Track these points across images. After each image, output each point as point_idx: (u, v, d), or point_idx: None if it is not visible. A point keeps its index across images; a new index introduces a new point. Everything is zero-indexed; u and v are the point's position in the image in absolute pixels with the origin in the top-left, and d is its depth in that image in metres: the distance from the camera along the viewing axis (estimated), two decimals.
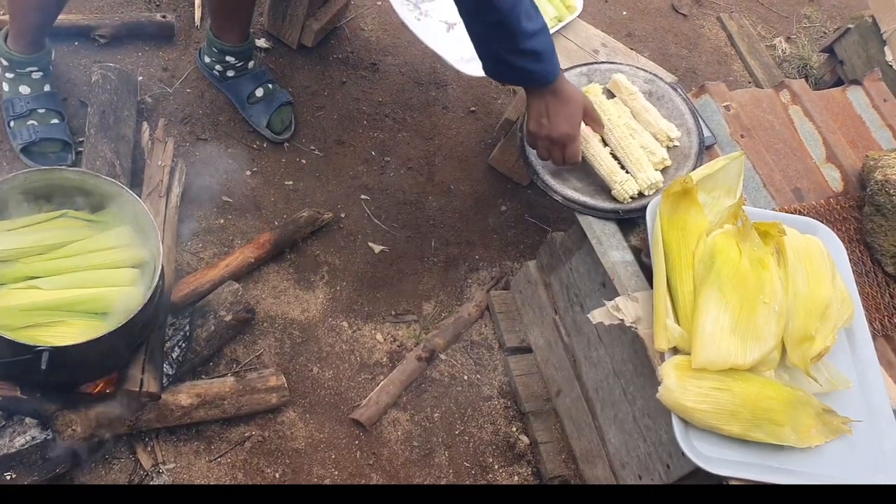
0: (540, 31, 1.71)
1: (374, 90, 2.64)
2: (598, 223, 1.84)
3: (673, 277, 1.60)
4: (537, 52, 1.72)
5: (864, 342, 1.68)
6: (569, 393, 2.06)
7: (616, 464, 1.89)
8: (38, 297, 1.70)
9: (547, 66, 1.76)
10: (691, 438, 1.49)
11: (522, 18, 1.66)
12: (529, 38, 1.69)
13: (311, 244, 2.28)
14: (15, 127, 2.13)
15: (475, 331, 2.27)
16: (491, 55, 1.78)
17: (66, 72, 2.35)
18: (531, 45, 1.71)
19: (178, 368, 1.92)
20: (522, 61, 1.74)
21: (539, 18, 1.71)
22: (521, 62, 1.74)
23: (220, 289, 2.02)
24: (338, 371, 2.10)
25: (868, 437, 1.55)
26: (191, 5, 2.62)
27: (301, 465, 1.95)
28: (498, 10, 1.64)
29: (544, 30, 1.73)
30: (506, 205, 2.53)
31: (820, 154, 2.06)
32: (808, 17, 3.55)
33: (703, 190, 1.69)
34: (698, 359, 1.49)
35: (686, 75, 3.08)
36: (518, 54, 1.72)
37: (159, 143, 2.16)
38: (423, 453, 2.04)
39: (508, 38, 1.70)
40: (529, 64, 1.74)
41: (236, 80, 2.39)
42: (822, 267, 1.66)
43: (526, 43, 1.70)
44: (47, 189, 1.81)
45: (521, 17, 1.66)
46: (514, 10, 1.64)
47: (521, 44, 1.70)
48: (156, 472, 1.84)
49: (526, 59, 1.73)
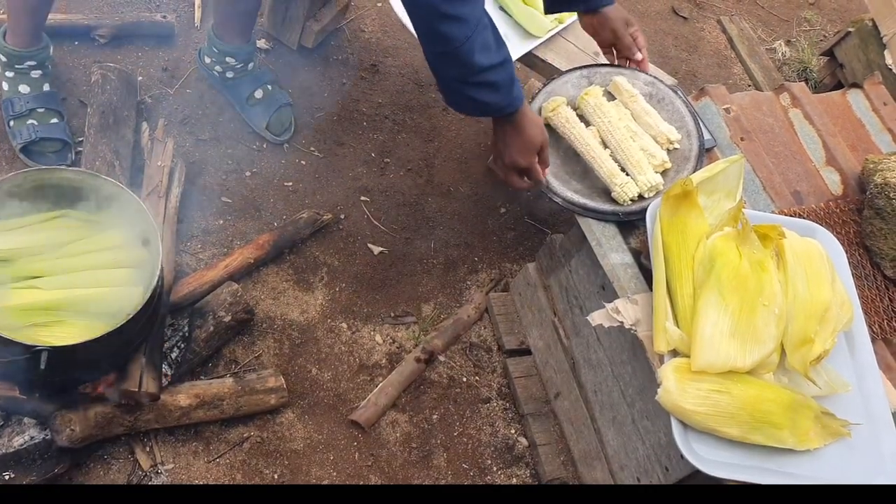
0: (498, 64, 1.67)
1: (373, 91, 2.64)
2: (598, 225, 1.84)
3: (673, 280, 1.60)
4: (493, 83, 1.69)
5: (863, 346, 1.68)
6: (568, 395, 2.06)
7: (615, 466, 1.89)
8: (37, 296, 1.70)
9: (505, 99, 1.73)
10: (690, 441, 1.49)
11: (476, 51, 1.62)
12: (484, 71, 1.65)
13: (311, 245, 2.28)
14: (14, 126, 2.13)
15: (474, 333, 2.27)
16: (447, 85, 1.75)
17: (66, 72, 2.35)
18: (486, 78, 1.67)
19: (177, 369, 1.91)
20: (476, 92, 1.70)
21: (500, 51, 1.67)
22: (474, 93, 1.71)
23: (219, 289, 2.02)
24: (337, 372, 2.10)
25: (866, 440, 1.55)
26: (191, 6, 2.62)
27: (299, 466, 1.95)
28: (448, 41, 1.60)
29: (504, 63, 1.68)
30: (505, 207, 2.53)
31: (820, 157, 2.07)
32: (809, 21, 3.55)
33: (703, 193, 1.69)
34: (697, 361, 1.49)
35: (686, 78, 3.08)
36: (472, 86, 1.69)
37: (159, 144, 2.16)
38: (421, 455, 2.04)
39: (461, 68, 1.66)
40: (484, 96, 1.71)
41: (236, 80, 2.39)
42: (822, 270, 1.66)
43: (479, 76, 1.66)
44: (46, 189, 1.81)
45: (474, 51, 1.61)
46: (467, 43, 1.60)
47: (475, 77, 1.66)
48: (154, 473, 1.83)
49: (480, 91, 1.70)
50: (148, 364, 1.80)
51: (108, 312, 1.71)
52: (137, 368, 1.78)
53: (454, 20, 1.58)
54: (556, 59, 2.23)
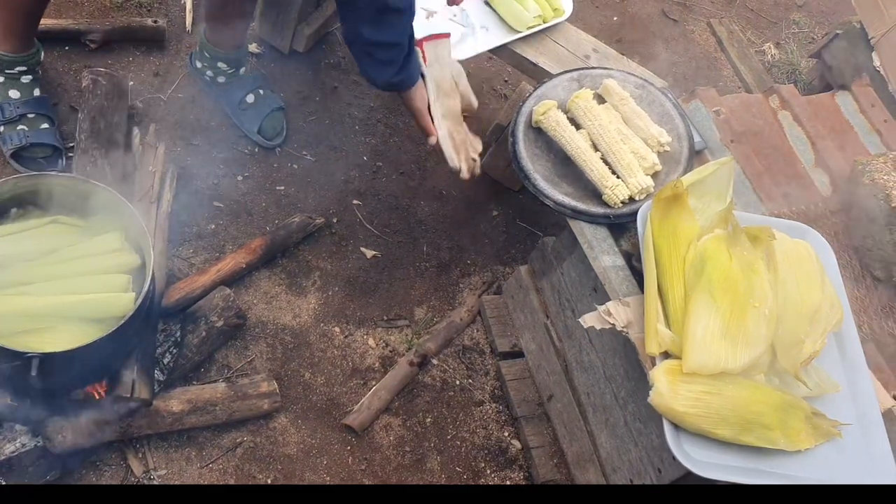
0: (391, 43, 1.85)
1: (365, 95, 2.64)
2: (590, 228, 1.84)
3: (664, 282, 1.61)
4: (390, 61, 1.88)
5: (853, 346, 1.68)
6: (560, 397, 2.06)
7: (607, 468, 1.89)
8: (28, 302, 1.70)
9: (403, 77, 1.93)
10: (682, 442, 1.49)
11: (366, 27, 1.81)
12: (378, 46, 1.85)
13: (303, 249, 2.28)
14: (5, 132, 2.13)
15: (467, 336, 2.27)
16: (356, 56, 1.94)
17: (57, 77, 2.34)
18: (381, 56, 1.87)
19: (169, 374, 1.91)
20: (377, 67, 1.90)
21: (393, 32, 1.84)
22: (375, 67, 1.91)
23: (211, 294, 2.01)
24: (330, 376, 2.10)
25: (857, 440, 1.56)
26: (182, 10, 2.61)
27: (293, 470, 1.94)
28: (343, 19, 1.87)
29: (397, 45, 1.86)
30: (497, 210, 2.54)
31: (809, 159, 2.08)
32: (797, 23, 3.57)
33: (694, 195, 1.69)
34: (689, 363, 1.49)
35: (676, 81, 3.09)
36: (369, 58, 1.90)
37: (150, 149, 2.16)
38: (415, 458, 2.04)
39: (360, 43, 1.87)
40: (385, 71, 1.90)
41: (227, 85, 2.39)
42: (812, 271, 1.67)
43: (376, 51, 1.86)
44: (37, 195, 1.80)
45: (363, 25, 1.81)
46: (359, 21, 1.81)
47: (372, 50, 1.87)
48: (147, 479, 1.83)
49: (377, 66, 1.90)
50: (140, 370, 1.80)
51: (100, 318, 1.71)
52: (129, 374, 1.77)
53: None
54: (546, 62, 2.23)
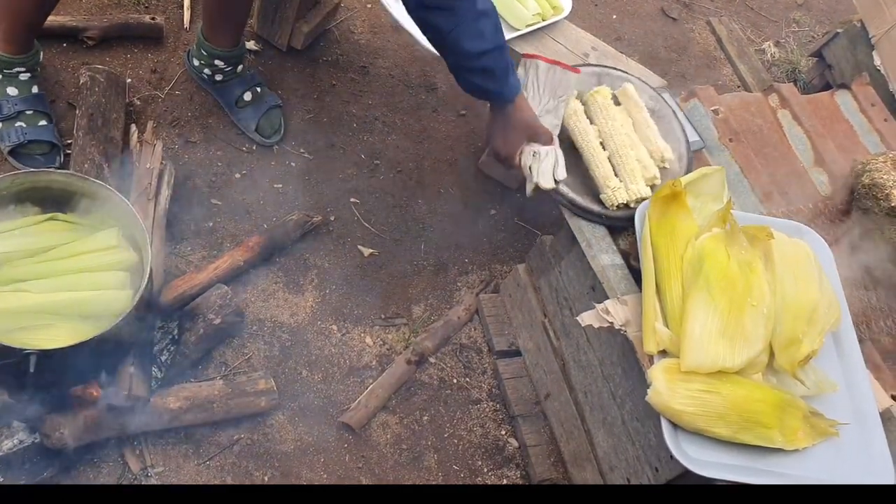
0: (491, 50, 1.77)
1: (363, 93, 2.64)
2: (588, 227, 1.84)
3: (662, 281, 1.61)
4: (487, 69, 1.79)
5: (850, 346, 1.69)
6: (558, 396, 2.06)
7: (605, 467, 1.89)
8: (26, 300, 1.70)
9: (499, 85, 1.83)
10: (680, 441, 1.49)
11: (464, 38, 1.73)
12: (476, 57, 1.76)
13: (301, 247, 2.28)
14: (2, 129, 2.12)
15: (464, 334, 2.27)
16: (450, 69, 1.86)
17: (55, 74, 2.34)
18: (479, 64, 1.78)
19: (166, 372, 1.91)
20: (474, 78, 1.82)
21: (493, 38, 1.76)
22: (472, 78, 1.83)
23: (208, 292, 2.01)
24: (327, 374, 2.10)
25: (855, 439, 1.56)
26: (180, 7, 2.61)
27: (290, 468, 1.94)
28: (437, 30, 1.76)
29: (498, 49, 1.78)
30: (495, 208, 2.53)
31: (808, 158, 2.08)
32: (797, 22, 3.56)
33: (691, 194, 1.69)
34: (687, 361, 1.49)
35: (675, 79, 3.09)
36: (468, 71, 1.82)
37: (148, 146, 2.16)
38: (412, 456, 2.04)
39: (455, 55, 1.80)
40: (482, 82, 1.83)
41: (225, 83, 2.38)
42: (810, 270, 1.67)
43: (473, 62, 1.78)
44: (35, 192, 1.80)
45: (461, 37, 1.73)
46: (456, 30, 1.72)
47: (468, 62, 1.79)
48: (144, 476, 1.83)
49: (477, 77, 1.82)
50: (137, 367, 1.79)
51: (98, 315, 1.71)
52: (127, 371, 1.77)
53: (440, 10, 1.71)
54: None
